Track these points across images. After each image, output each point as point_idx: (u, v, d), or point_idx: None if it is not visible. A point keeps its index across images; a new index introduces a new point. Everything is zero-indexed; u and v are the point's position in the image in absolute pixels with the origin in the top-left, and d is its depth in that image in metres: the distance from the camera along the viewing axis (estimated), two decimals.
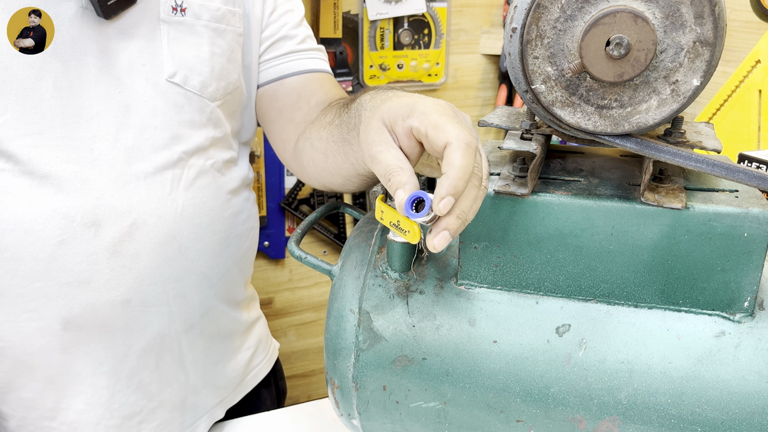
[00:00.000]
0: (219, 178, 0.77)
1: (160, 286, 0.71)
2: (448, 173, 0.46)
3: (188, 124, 0.73)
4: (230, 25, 0.76)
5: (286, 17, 0.84)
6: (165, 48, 0.71)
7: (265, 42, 0.83)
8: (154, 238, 0.70)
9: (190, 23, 0.72)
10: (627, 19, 0.45)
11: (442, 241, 0.47)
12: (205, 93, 0.74)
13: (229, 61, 0.76)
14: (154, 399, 0.77)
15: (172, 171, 0.72)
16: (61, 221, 0.65)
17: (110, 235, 0.67)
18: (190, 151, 0.73)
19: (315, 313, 1.58)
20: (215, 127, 0.76)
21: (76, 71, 0.66)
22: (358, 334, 0.58)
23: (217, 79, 0.75)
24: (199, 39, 0.73)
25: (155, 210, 0.70)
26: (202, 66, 0.73)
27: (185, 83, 0.72)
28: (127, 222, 0.68)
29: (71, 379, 0.71)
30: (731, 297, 0.51)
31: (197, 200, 0.74)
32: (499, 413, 0.56)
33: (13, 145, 0.63)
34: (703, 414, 0.51)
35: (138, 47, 0.69)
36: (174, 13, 0.71)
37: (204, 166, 0.75)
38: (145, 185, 0.70)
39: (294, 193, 1.41)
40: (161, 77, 0.70)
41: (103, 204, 0.67)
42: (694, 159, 0.49)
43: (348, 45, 1.40)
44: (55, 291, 0.66)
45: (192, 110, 0.73)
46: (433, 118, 0.48)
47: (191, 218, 0.73)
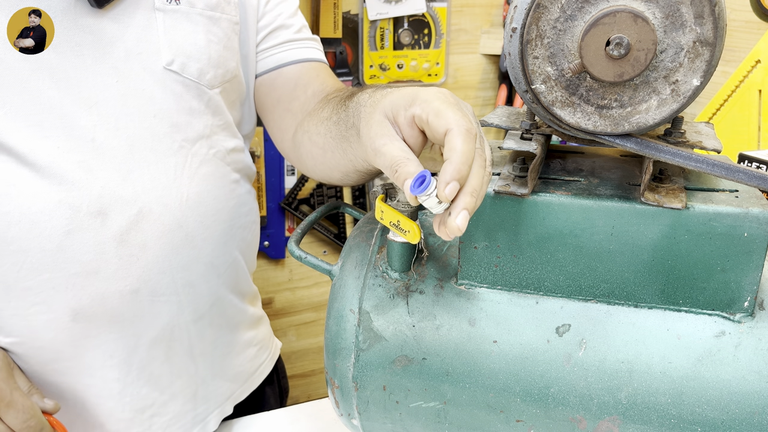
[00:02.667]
0: (222, 166, 0.77)
1: (168, 275, 0.71)
2: (450, 158, 0.46)
3: (187, 111, 0.73)
4: (225, 14, 0.76)
5: (282, 6, 0.84)
6: (161, 36, 0.70)
7: (262, 31, 0.83)
8: (160, 227, 0.70)
9: (185, 11, 0.72)
10: (627, 19, 0.45)
11: (464, 221, 0.46)
12: (203, 80, 0.74)
13: (226, 48, 0.76)
14: (166, 391, 0.77)
15: (175, 159, 0.71)
16: (67, 211, 0.65)
17: (117, 224, 0.67)
18: (191, 138, 0.73)
19: (315, 313, 1.58)
20: (215, 115, 0.76)
21: (73, 62, 0.66)
22: (358, 334, 0.58)
23: (215, 66, 0.75)
24: (194, 27, 0.73)
25: (160, 198, 0.70)
26: (199, 53, 0.73)
27: (183, 71, 0.72)
28: (133, 210, 0.68)
29: (81, 372, 0.71)
30: (731, 297, 0.51)
31: (202, 188, 0.74)
32: (499, 413, 0.56)
33: (14, 138, 0.63)
34: (703, 414, 0.51)
35: (134, 36, 0.69)
36: (168, 2, 0.71)
37: (207, 154, 0.75)
38: (149, 173, 0.69)
39: (294, 193, 1.41)
40: (158, 65, 0.70)
41: (108, 193, 0.67)
42: (694, 159, 0.49)
43: (348, 45, 1.40)
44: (63, 282, 0.66)
45: (190, 98, 0.73)
46: (434, 105, 0.48)
47: (196, 206, 0.73)
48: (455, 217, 0.46)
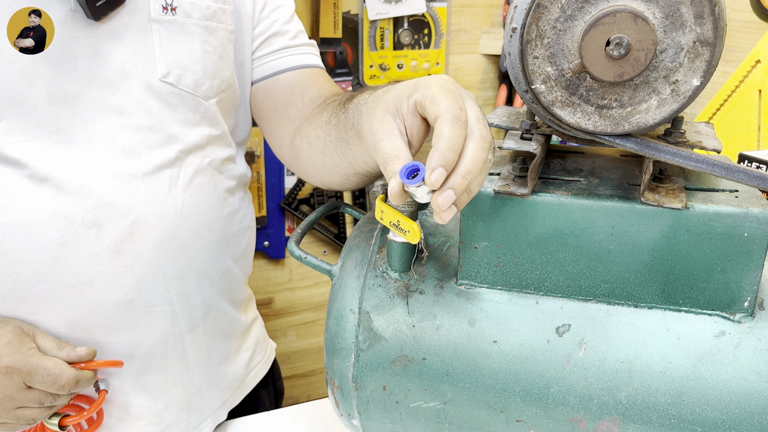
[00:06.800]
0: (216, 176, 0.77)
1: (163, 285, 0.71)
2: (436, 145, 0.45)
3: (183, 123, 0.73)
4: (221, 23, 0.76)
5: (277, 13, 0.84)
6: (157, 48, 0.70)
7: (258, 38, 0.83)
8: (155, 237, 0.70)
9: (180, 22, 0.72)
10: (627, 19, 0.45)
11: (446, 200, 0.45)
12: (198, 92, 0.74)
13: (222, 58, 0.76)
14: (161, 401, 0.77)
15: (170, 170, 0.72)
16: (61, 222, 0.65)
17: (111, 235, 0.67)
18: (186, 149, 0.73)
19: (315, 313, 1.58)
20: (211, 125, 0.76)
21: (69, 76, 0.66)
22: (358, 334, 0.58)
23: (210, 77, 0.75)
24: (190, 37, 0.73)
25: (155, 209, 0.70)
26: (194, 65, 0.73)
27: (179, 83, 0.72)
28: (127, 222, 0.68)
29: None
30: (731, 297, 0.51)
31: (196, 198, 0.74)
32: (499, 413, 0.56)
33: (10, 149, 0.63)
34: (703, 414, 0.51)
35: (130, 48, 0.69)
36: (164, 12, 0.71)
37: (201, 164, 0.75)
38: (144, 185, 0.70)
39: (294, 193, 1.41)
40: (154, 77, 0.70)
41: (103, 204, 0.67)
42: (694, 159, 0.49)
43: (348, 45, 1.40)
44: (58, 293, 0.66)
45: (186, 109, 0.73)
46: (431, 91, 0.48)
47: (191, 216, 0.73)
48: (438, 196, 0.45)
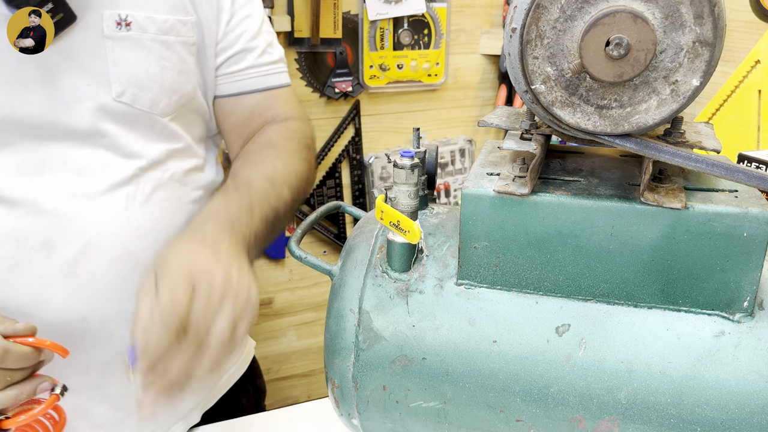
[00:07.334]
0: (179, 189, 0.76)
1: (118, 303, 0.71)
2: None
3: (140, 140, 0.72)
4: (180, 36, 0.74)
5: (245, 24, 0.82)
6: (110, 67, 0.69)
7: (223, 53, 0.81)
8: (108, 257, 0.69)
9: (136, 38, 0.70)
10: (627, 20, 0.45)
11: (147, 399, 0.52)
12: (155, 110, 0.72)
13: (181, 73, 0.75)
14: (122, 409, 0.76)
15: (127, 188, 0.71)
16: (13, 244, 0.65)
17: (64, 256, 0.67)
18: (144, 166, 0.72)
19: (315, 313, 1.58)
20: (170, 141, 0.75)
21: (21, 99, 0.65)
22: (358, 334, 0.58)
23: (168, 93, 0.73)
24: (146, 54, 0.71)
25: (110, 229, 0.69)
26: (151, 82, 0.71)
27: (134, 102, 0.70)
28: (80, 243, 0.67)
29: None
30: (731, 297, 0.51)
31: (155, 215, 0.73)
32: (498, 413, 0.56)
33: None
34: (703, 414, 0.51)
35: (82, 69, 0.68)
36: (119, 28, 0.69)
37: (161, 179, 0.74)
38: (99, 204, 0.69)
39: None
40: (108, 98, 0.69)
41: (55, 225, 0.66)
42: (694, 159, 0.49)
43: (348, 45, 1.40)
44: (12, 313, 0.65)
45: (142, 127, 0.72)
46: None
47: (148, 234, 0.72)
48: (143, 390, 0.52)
